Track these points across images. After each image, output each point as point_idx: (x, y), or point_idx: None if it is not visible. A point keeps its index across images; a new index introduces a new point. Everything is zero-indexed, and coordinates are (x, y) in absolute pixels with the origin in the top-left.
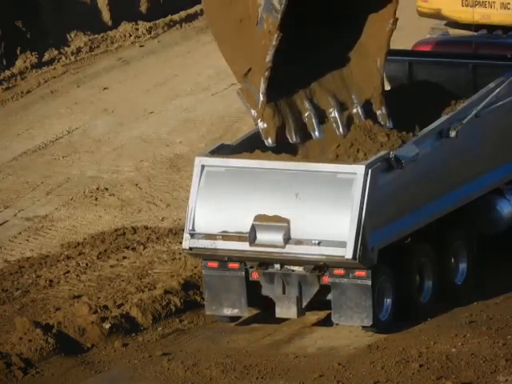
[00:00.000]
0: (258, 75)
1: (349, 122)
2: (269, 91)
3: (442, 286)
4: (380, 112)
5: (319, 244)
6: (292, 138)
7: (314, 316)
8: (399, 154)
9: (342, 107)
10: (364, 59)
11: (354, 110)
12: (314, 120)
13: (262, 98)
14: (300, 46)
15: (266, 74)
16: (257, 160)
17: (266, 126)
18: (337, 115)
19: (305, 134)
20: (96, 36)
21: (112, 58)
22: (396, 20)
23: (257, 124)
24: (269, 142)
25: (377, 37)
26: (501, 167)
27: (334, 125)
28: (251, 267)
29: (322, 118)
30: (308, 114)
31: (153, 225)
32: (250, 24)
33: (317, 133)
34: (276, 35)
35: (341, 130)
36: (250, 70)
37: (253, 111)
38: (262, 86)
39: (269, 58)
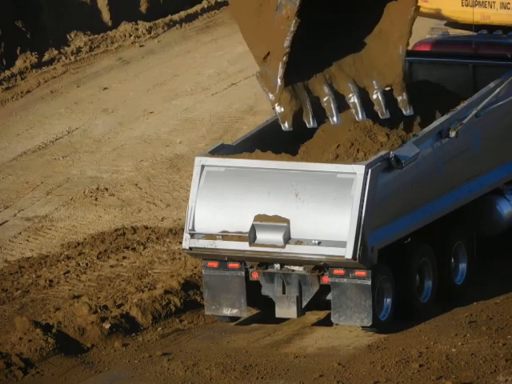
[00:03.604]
0: (275, 60)
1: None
2: (286, 76)
3: (442, 286)
4: (401, 98)
5: (319, 244)
6: (309, 122)
7: (314, 316)
8: (399, 154)
9: (362, 93)
10: (385, 46)
11: (375, 96)
12: (332, 105)
13: (279, 82)
14: (320, 32)
15: (284, 59)
16: (257, 160)
17: (282, 110)
18: (356, 101)
19: (322, 119)
20: (96, 36)
21: (112, 58)
22: (418, 8)
23: (274, 108)
24: (285, 126)
25: (399, 24)
26: (501, 167)
27: (354, 110)
28: (251, 267)
29: (340, 103)
30: (327, 98)
31: (153, 225)
32: (270, 9)
33: (335, 118)
34: (294, 21)
35: (360, 115)
36: (268, 54)
37: (270, 95)
38: (280, 71)
39: (287, 43)
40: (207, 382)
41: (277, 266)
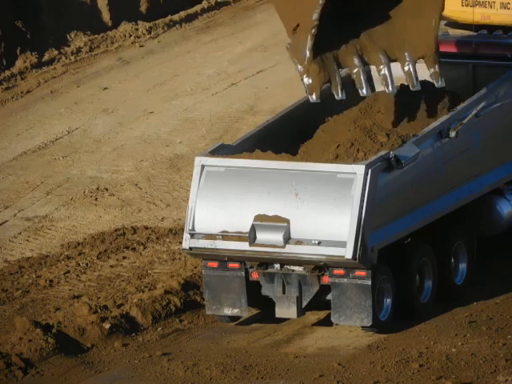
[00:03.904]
0: (305, 32)
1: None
2: (315, 48)
3: (442, 286)
4: (433, 70)
5: (319, 244)
6: (338, 94)
7: (314, 316)
8: (399, 154)
9: (392, 65)
10: (418, 18)
11: (406, 68)
12: (362, 77)
13: (308, 54)
14: (352, 4)
15: (313, 31)
16: (257, 160)
17: (310, 81)
18: (387, 72)
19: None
20: (96, 36)
21: (112, 58)
22: None
23: (302, 79)
24: (313, 98)
25: None
26: (501, 167)
27: (383, 82)
28: (251, 267)
29: (370, 74)
30: (357, 70)
31: (153, 225)
32: None
33: (364, 90)
34: None
35: (390, 88)
36: (298, 25)
37: (299, 66)
38: (309, 43)
39: (315, 16)
40: (207, 381)
41: (277, 266)
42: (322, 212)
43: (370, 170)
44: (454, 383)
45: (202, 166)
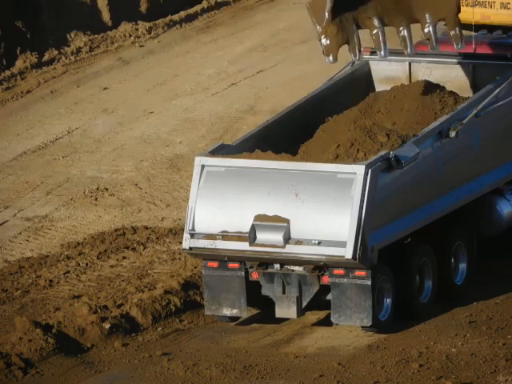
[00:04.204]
0: None
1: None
2: (335, 9)
3: (442, 286)
4: (453, 32)
5: (319, 244)
6: (355, 55)
7: (314, 316)
8: (399, 154)
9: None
10: None
11: (426, 30)
12: (381, 38)
13: (326, 15)
14: None
15: None
16: (257, 160)
17: (328, 42)
18: (406, 34)
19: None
20: (96, 36)
21: (112, 58)
22: None
23: (320, 40)
24: (330, 59)
25: None
26: (501, 167)
27: (402, 44)
28: (251, 267)
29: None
30: (376, 31)
31: (153, 225)
32: None
33: (382, 52)
34: None
35: (408, 49)
36: None
37: (318, 27)
38: (328, 4)
39: None
40: (207, 381)
41: (277, 266)
42: (322, 212)
43: (370, 170)
44: (454, 383)
45: (202, 166)
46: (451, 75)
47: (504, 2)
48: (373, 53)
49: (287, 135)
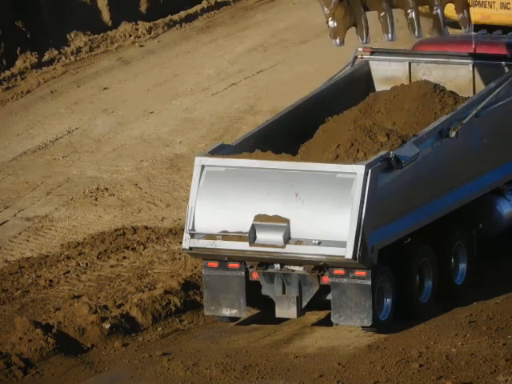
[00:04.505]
0: None
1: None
2: None
3: (442, 286)
4: (461, 15)
5: (319, 244)
6: (363, 38)
7: (314, 316)
8: (399, 154)
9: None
10: None
11: (434, 12)
12: (388, 20)
13: None
14: None
15: None
16: (257, 160)
17: (335, 25)
18: (414, 16)
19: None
20: (96, 36)
21: (112, 58)
22: None
23: (327, 22)
24: (336, 42)
25: None
26: (501, 167)
27: (410, 26)
28: (251, 267)
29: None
30: (383, 14)
31: (153, 225)
32: None
33: (390, 35)
34: None
35: (416, 32)
36: None
37: (325, 9)
38: None
39: None
40: (207, 382)
41: (277, 265)
42: (321, 212)
43: (370, 170)
44: (454, 383)
45: (202, 166)
46: (451, 75)
47: (504, 2)
48: (373, 53)
49: (287, 135)
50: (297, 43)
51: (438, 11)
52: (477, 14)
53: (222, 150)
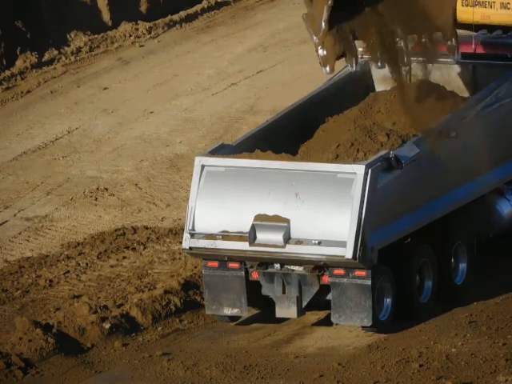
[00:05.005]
0: (322, 3)
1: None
2: (331, 20)
3: (442, 286)
4: (450, 43)
5: (319, 244)
6: (352, 65)
7: (314, 316)
8: (399, 154)
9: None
10: None
11: (423, 40)
12: (377, 48)
13: (323, 25)
14: None
15: (329, 2)
16: (257, 160)
17: (325, 53)
18: (403, 45)
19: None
20: (96, 36)
21: (112, 58)
22: None
23: (317, 51)
24: (326, 70)
25: None
26: (501, 167)
27: (399, 55)
28: (251, 267)
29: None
30: (372, 42)
31: (153, 225)
32: None
33: (379, 63)
34: None
35: (405, 60)
36: None
37: (314, 37)
38: (325, 14)
39: None
40: (207, 381)
41: (277, 265)
42: (321, 212)
43: (369, 170)
44: (454, 383)
45: (202, 166)
46: (451, 75)
47: (504, 2)
48: None
49: (287, 135)
50: (297, 43)
51: (427, 39)
52: (477, 14)
53: (222, 150)
